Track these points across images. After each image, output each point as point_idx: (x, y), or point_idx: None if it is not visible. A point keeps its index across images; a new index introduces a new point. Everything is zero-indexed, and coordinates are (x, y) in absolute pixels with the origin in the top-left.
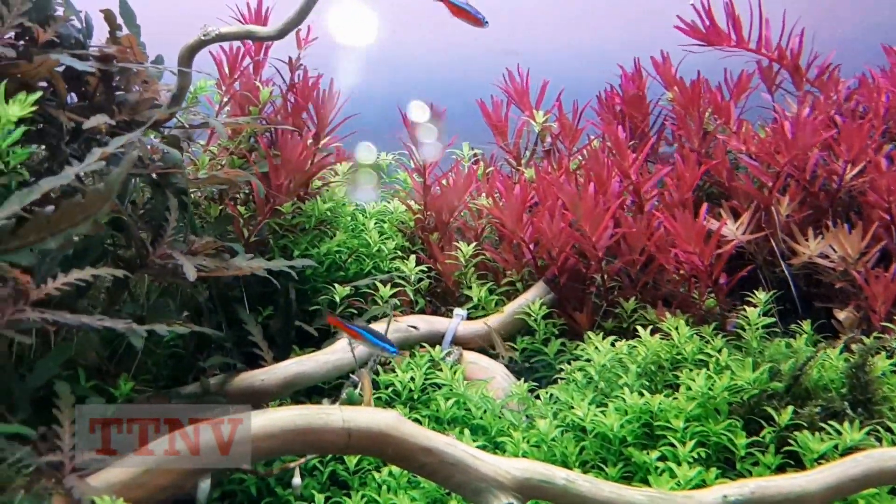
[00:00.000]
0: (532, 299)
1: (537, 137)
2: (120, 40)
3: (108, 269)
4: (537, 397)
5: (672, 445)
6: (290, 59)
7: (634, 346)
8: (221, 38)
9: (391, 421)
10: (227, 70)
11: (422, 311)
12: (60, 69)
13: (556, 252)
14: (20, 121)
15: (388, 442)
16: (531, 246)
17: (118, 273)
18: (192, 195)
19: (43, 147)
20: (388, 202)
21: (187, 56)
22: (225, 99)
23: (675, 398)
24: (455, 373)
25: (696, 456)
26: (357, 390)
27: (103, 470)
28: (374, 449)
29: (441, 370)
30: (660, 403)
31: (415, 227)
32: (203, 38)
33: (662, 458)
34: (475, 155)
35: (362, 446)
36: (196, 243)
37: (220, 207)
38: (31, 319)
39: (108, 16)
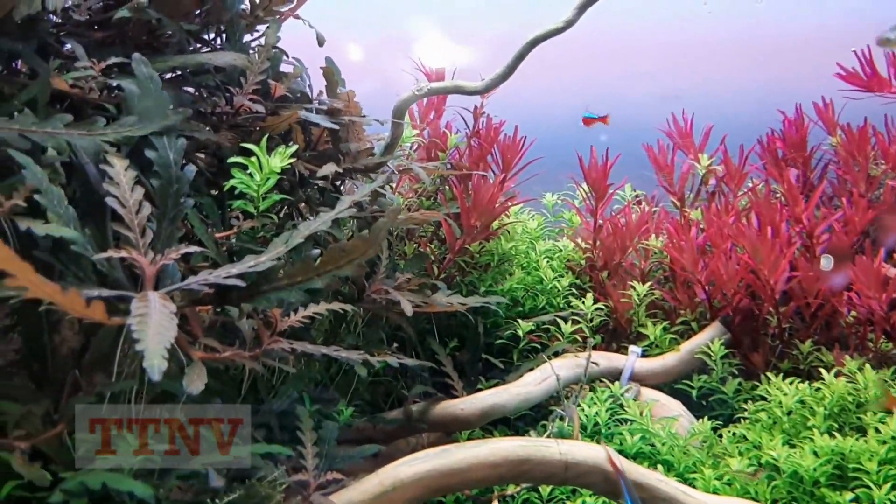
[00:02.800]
0: (708, 339)
1: (701, 180)
2: (339, 95)
3: (338, 304)
4: (719, 436)
5: (867, 487)
6: (475, 107)
7: (818, 388)
8: (432, 92)
9: (605, 455)
10: (417, 118)
11: (595, 348)
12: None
13: (730, 293)
14: None
15: (602, 475)
16: (706, 287)
17: (347, 308)
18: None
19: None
20: (556, 240)
21: (402, 109)
22: (415, 145)
23: (866, 441)
24: (642, 409)
25: (891, 499)
26: (565, 423)
27: (344, 489)
28: (589, 481)
29: (622, 405)
30: (851, 446)
31: (585, 265)
32: (416, 92)
33: (856, 501)
34: (636, 196)
35: (578, 478)
36: (400, 279)
37: (415, 245)
38: (282, 349)
39: (328, 72)
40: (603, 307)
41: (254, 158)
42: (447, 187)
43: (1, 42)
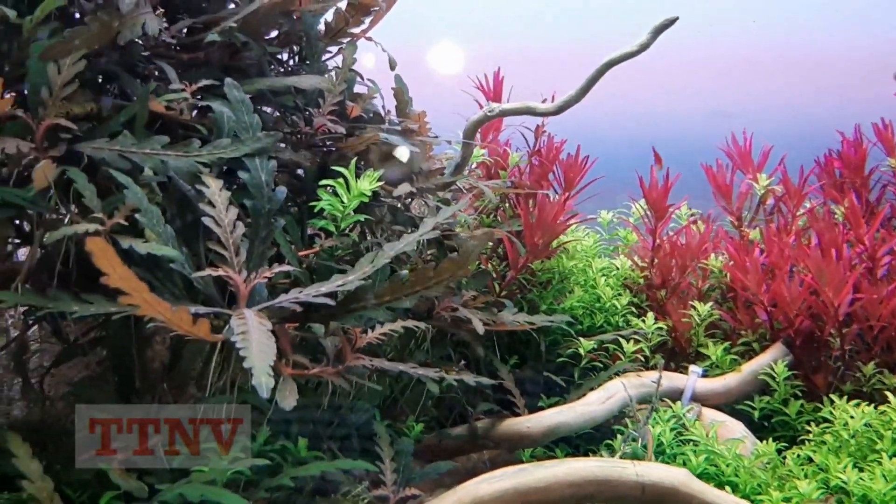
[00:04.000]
0: (770, 360)
1: (759, 199)
2: (408, 114)
3: (413, 322)
4: (783, 458)
5: None
6: (537, 126)
7: (883, 412)
8: (504, 113)
9: (682, 477)
10: (479, 136)
11: (654, 367)
12: None
13: (792, 314)
14: None
15: (678, 497)
16: (769, 308)
17: (420, 325)
18: None
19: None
20: (611, 258)
21: (472, 129)
22: (474, 163)
23: None
24: (709, 430)
25: None
26: (639, 444)
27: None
28: (665, 503)
29: (684, 425)
30: None
31: (642, 283)
32: (488, 113)
33: None
34: (692, 214)
35: (654, 500)
36: (466, 296)
37: (477, 262)
38: (363, 366)
39: (398, 92)
40: (663, 326)
41: (340, 180)
42: (507, 205)
43: (108, 66)
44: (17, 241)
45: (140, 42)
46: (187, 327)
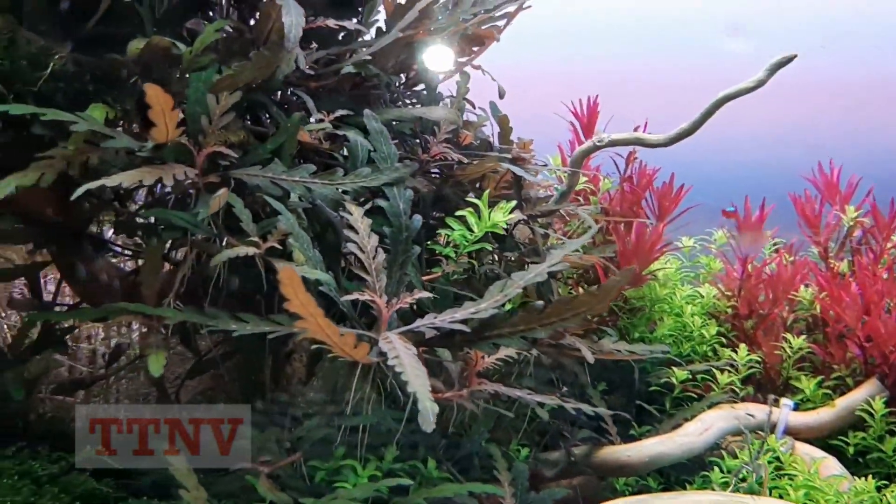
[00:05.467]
0: (866, 396)
1: (847, 231)
2: (511, 142)
3: (525, 348)
4: (882, 496)
5: None
6: (629, 153)
7: None
8: (613, 143)
9: None
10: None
11: (743, 399)
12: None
13: (888, 350)
14: None
15: None
16: (864, 343)
17: (533, 352)
18: None
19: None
20: (694, 286)
21: (580, 158)
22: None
23: None
24: (809, 465)
25: None
26: (753, 478)
27: None
28: None
29: (779, 459)
30: None
31: (729, 312)
32: (597, 143)
33: None
34: (775, 244)
35: None
36: None
37: (568, 288)
38: (485, 391)
39: (503, 120)
40: (756, 359)
41: (471, 209)
42: (599, 232)
43: (254, 96)
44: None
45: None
46: (348, 350)
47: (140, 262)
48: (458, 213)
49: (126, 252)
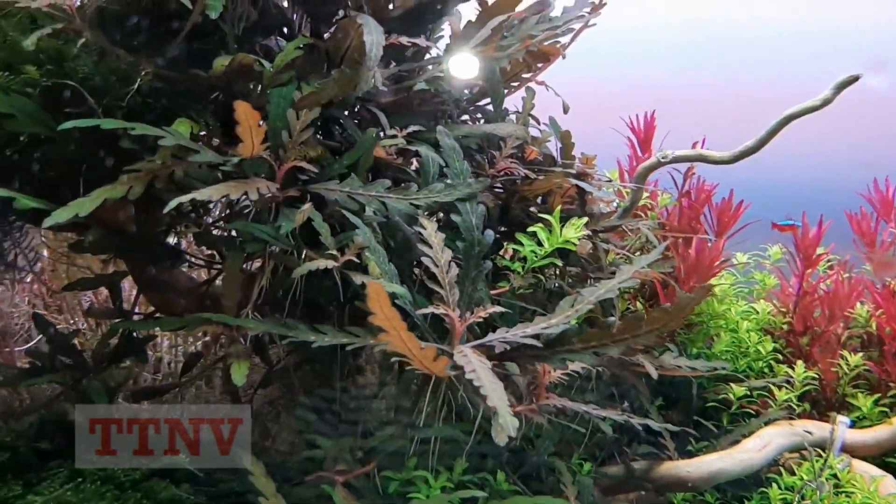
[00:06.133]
0: None
1: None
2: (573, 157)
3: (591, 362)
4: None
5: None
6: (687, 169)
7: None
8: (676, 160)
9: None
10: (627, 177)
11: (799, 416)
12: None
13: None
14: None
15: None
16: None
17: (598, 367)
18: None
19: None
20: (749, 301)
21: (643, 175)
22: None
23: None
24: (869, 483)
25: None
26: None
27: None
28: None
29: (836, 476)
30: None
31: (784, 329)
32: (661, 159)
33: None
34: (829, 261)
35: None
36: None
37: (626, 303)
38: (552, 405)
39: (565, 136)
40: (813, 376)
41: (541, 224)
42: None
43: (329, 111)
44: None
45: None
46: (428, 363)
47: (211, 271)
48: (531, 228)
49: (199, 262)
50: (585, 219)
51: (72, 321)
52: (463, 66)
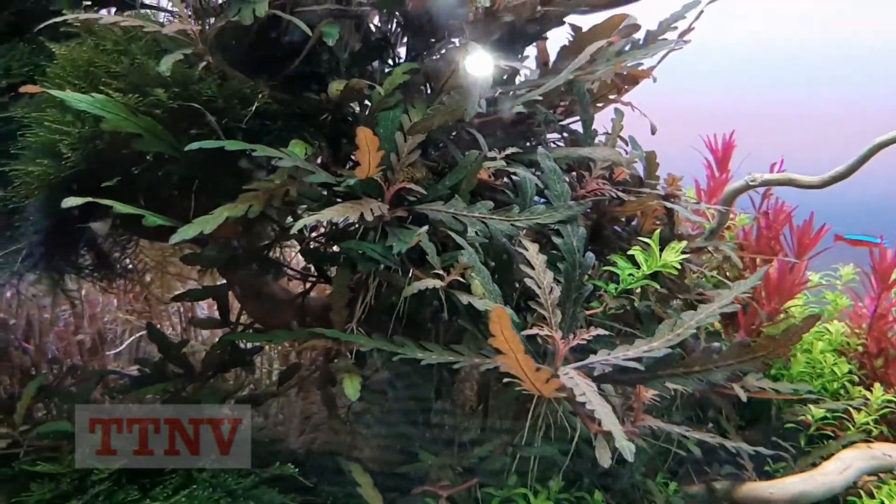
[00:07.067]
0: None
1: None
2: (663, 179)
3: (681, 385)
4: None
5: None
6: (765, 191)
7: None
8: (765, 183)
9: None
10: (704, 196)
11: (876, 438)
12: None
13: None
14: None
15: None
16: None
17: (688, 389)
18: None
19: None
20: (823, 322)
21: (731, 197)
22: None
23: None
24: None
25: None
26: None
27: None
28: None
29: None
30: None
31: (858, 350)
32: (749, 182)
33: None
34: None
35: None
36: None
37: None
38: (647, 426)
39: (650, 156)
40: (890, 398)
41: (638, 247)
42: (728, 265)
43: (432, 134)
44: None
45: None
46: (539, 385)
47: (305, 284)
48: (631, 251)
49: (296, 276)
50: (684, 242)
51: (171, 330)
52: (557, 90)
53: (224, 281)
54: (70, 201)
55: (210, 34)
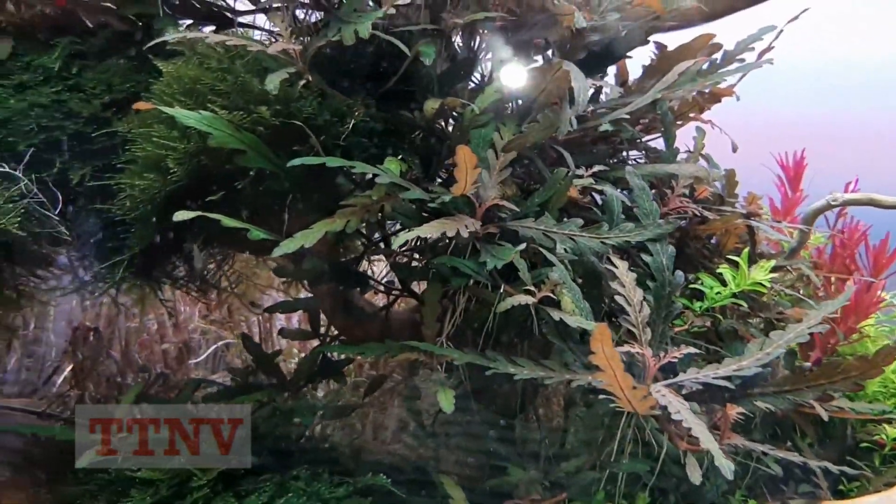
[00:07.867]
0: None
1: None
2: (743, 196)
3: (764, 405)
4: None
5: None
6: (839, 210)
7: None
8: (847, 202)
9: None
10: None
11: None
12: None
13: None
14: None
15: None
16: None
17: (771, 407)
18: None
19: None
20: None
21: (812, 217)
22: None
23: None
24: None
25: None
26: None
27: None
28: None
29: None
30: None
31: None
32: (831, 202)
33: None
34: None
35: None
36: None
37: None
38: (735, 444)
39: (731, 175)
40: None
41: (725, 266)
42: (802, 284)
43: (522, 151)
44: None
45: None
46: (636, 402)
47: (389, 297)
48: (718, 269)
49: (382, 290)
50: (773, 261)
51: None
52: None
53: (311, 294)
54: (181, 215)
55: (310, 53)
